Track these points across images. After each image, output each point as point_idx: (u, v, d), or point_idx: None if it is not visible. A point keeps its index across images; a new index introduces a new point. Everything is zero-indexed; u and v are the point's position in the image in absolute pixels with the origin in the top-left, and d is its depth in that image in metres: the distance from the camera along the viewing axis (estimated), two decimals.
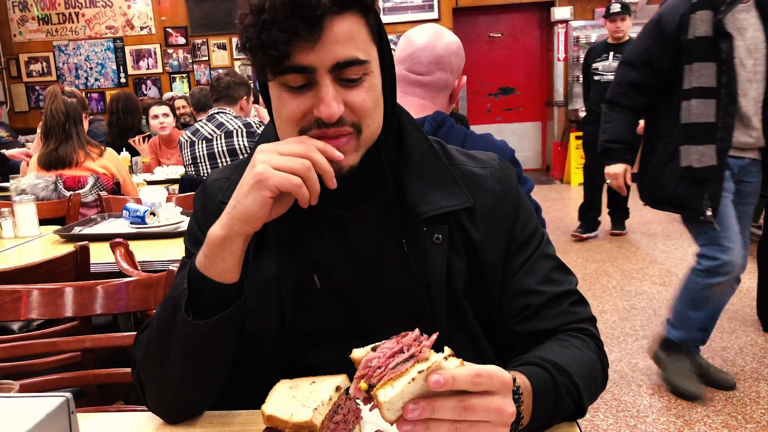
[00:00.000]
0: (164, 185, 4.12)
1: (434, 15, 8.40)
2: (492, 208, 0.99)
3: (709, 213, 2.53)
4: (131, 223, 2.59)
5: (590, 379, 0.91)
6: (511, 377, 0.71)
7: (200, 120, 3.65)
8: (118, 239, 1.94)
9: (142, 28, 8.75)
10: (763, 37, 2.51)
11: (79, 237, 2.52)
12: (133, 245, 2.01)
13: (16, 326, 2.22)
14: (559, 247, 4.83)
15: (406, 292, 0.97)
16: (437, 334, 0.72)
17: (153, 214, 2.55)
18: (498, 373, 0.69)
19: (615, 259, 4.67)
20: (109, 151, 3.26)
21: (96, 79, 8.90)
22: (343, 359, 0.75)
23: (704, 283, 2.65)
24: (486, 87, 9.04)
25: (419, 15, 8.37)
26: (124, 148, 4.98)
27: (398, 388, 0.66)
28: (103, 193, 3.05)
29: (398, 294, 0.97)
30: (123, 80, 8.86)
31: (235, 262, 0.86)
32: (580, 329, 0.98)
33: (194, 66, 8.78)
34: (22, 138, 6.41)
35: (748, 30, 2.50)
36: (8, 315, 1.47)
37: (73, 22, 8.77)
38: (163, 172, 4.54)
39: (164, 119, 4.80)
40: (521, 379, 0.81)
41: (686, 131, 2.54)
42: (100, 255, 2.16)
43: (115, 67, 8.86)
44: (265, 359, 0.98)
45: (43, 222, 2.78)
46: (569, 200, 7.17)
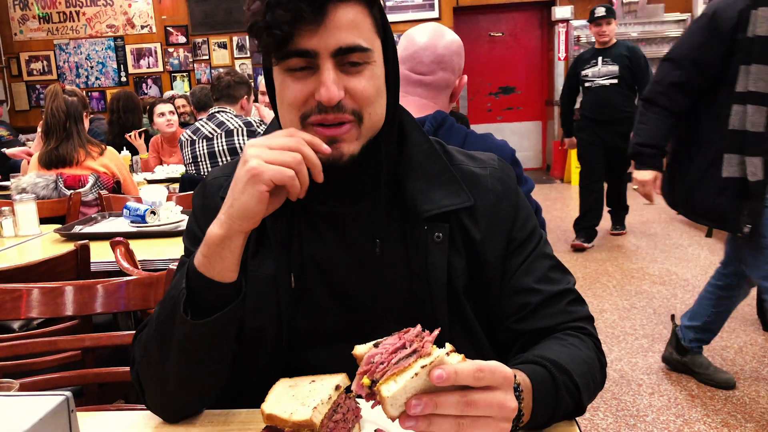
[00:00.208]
0: (164, 184, 4.12)
1: (435, 14, 8.40)
2: (492, 208, 1.00)
3: (746, 230, 2.35)
4: (131, 222, 2.59)
5: (589, 378, 0.92)
6: (512, 373, 0.71)
7: (201, 119, 3.65)
8: (118, 238, 1.94)
9: (142, 27, 8.76)
10: None
11: (79, 236, 2.52)
12: (134, 244, 2.01)
13: (16, 325, 2.22)
14: (559, 247, 4.84)
15: (406, 290, 0.97)
16: (439, 329, 0.73)
17: (153, 213, 2.55)
18: (499, 368, 0.69)
19: (615, 259, 4.67)
20: (110, 150, 3.26)
21: (96, 78, 8.91)
22: (343, 359, 0.75)
23: (728, 295, 2.64)
24: (486, 86, 9.04)
25: (420, 14, 8.36)
26: (125, 147, 4.99)
27: (401, 384, 0.66)
28: (104, 192, 3.05)
29: (398, 293, 0.97)
30: (123, 79, 8.87)
31: (234, 261, 0.87)
32: (578, 328, 0.99)
33: (195, 65, 8.78)
34: (22, 137, 6.41)
35: None
36: (9, 314, 1.47)
37: (73, 20, 8.77)
38: (163, 170, 4.55)
39: (170, 117, 4.81)
40: (521, 377, 0.81)
41: (734, 138, 2.33)
42: (101, 254, 2.16)
43: (115, 66, 8.86)
44: (265, 358, 0.98)
45: (43, 221, 2.78)
46: (570, 200, 7.16)
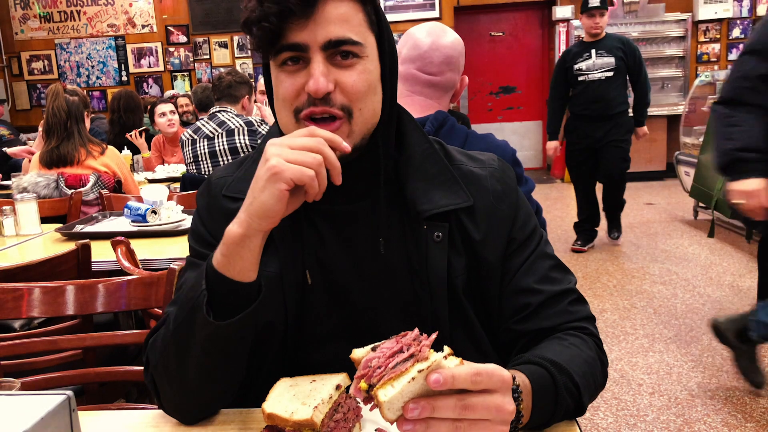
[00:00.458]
0: (165, 183, 4.13)
1: (435, 14, 8.39)
2: (492, 208, 1.00)
3: None
4: (132, 221, 2.59)
5: (590, 378, 0.92)
6: (510, 375, 0.71)
7: (202, 118, 3.65)
8: (119, 237, 1.94)
9: (143, 27, 8.75)
10: None
11: (80, 235, 2.53)
12: (135, 243, 2.01)
13: (17, 324, 2.23)
14: (560, 247, 4.84)
15: (406, 290, 0.97)
16: (437, 333, 0.73)
17: (154, 212, 2.55)
18: (497, 371, 0.69)
19: (615, 258, 4.67)
20: (111, 149, 3.27)
21: (97, 78, 8.91)
22: (344, 358, 0.75)
23: None
24: (487, 86, 9.03)
25: (420, 14, 8.36)
26: (125, 146, 4.99)
27: (398, 388, 0.66)
28: (105, 192, 3.05)
29: (399, 292, 0.98)
30: (124, 78, 8.86)
31: (253, 260, 0.86)
32: (579, 328, 0.98)
33: (195, 64, 8.78)
34: (23, 136, 6.41)
35: None
36: (10, 313, 1.47)
37: (74, 20, 8.77)
38: (164, 170, 4.55)
39: (172, 117, 4.82)
40: (521, 378, 0.81)
41: None
42: (102, 253, 2.16)
43: (116, 66, 8.86)
44: (270, 358, 0.98)
45: (44, 220, 2.78)
46: (570, 200, 7.15)
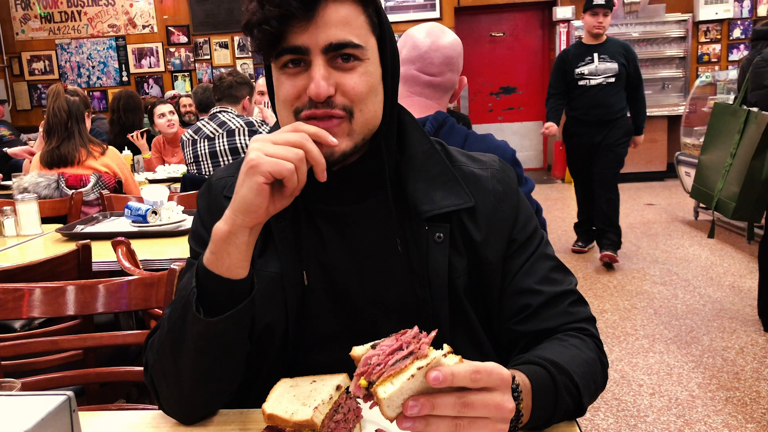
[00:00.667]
0: (166, 184, 4.13)
1: (436, 14, 8.39)
2: (493, 209, 1.00)
3: None
4: (133, 221, 2.59)
5: (590, 378, 0.92)
6: (509, 374, 0.71)
7: (202, 119, 3.65)
8: (119, 238, 1.94)
9: (144, 27, 8.75)
10: None
11: (80, 235, 2.53)
12: (135, 244, 2.01)
13: (18, 324, 2.23)
14: (560, 247, 4.84)
15: (407, 290, 0.97)
16: (436, 330, 0.73)
17: (155, 212, 2.56)
18: (497, 369, 0.69)
19: (617, 256, 4.65)
20: (111, 149, 3.27)
21: (98, 78, 8.91)
22: (345, 360, 0.75)
23: None
24: (488, 86, 9.03)
25: (421, 14, 8.35)
26: (126, 146, 4.99)
27: (398, 385, 0.66)
28: (105, 192, 3.05)
29: (400, 293, 0.98)
30: (125, 79, 8.86)
31: (241, 257, 0.86)
32: (579, 329, 0.99)
33: (196, 65, 8.78)
34: (24, 136, 6.42)
35: None
36: (10, 313, 1.48)
37: (75, 20, 8.77)
38: (164, 170, 4.55)
39: (171, 117, 4.81)
40: (520, 378, 0.81)
41: None
42: (102, 253, 2.16)
43: (117, 66, 8.86)
44: (271, 358, 0.98)
45: (45, 220, 2.78)
46: (570, 200, 7.15)
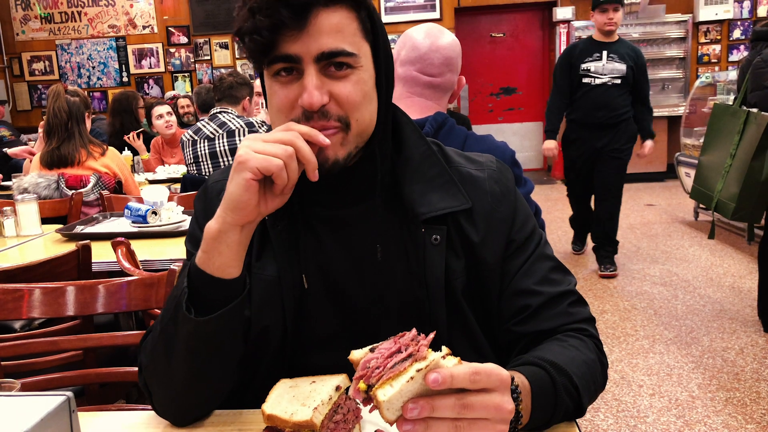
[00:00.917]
0: (166, 184, 4.13)
1: (436, 15, 8.39)
2: (490, 210, 1.00)
3: None
4: (133, 222, 2.59)
5: (589, 379, 0.92)
6: (508, 375, 0.71)
7: (202, 119, 3.65)
8: (119, 238, 1.94)
9: (144, 27, 8.75)
10: None
11: (80, 236, 2.53)
12: (135, 244, 2.01)
13: (17, 325, 2.23)
14: (560, 248, 4.83)
15: (405, 292, 0.97)
16: (434, 332, 0.73)
17: (155, 213, 2.56)
18: (495, 370, 0.69)
19: (616, 259, 4.65)
20: (111, 150, 3.27)
21: (98, 78, 8.91)
22: (343, 362, 0.75)
23: None
24: (488, 87, 9.03)
25: (421, 15, 8.35)
26: (126, 147, 4.98)
27: (397, 387, 0.66)
28: (105, 192, 3.05)
29: (397, 295, 0.98)
30: (125, 79, 8.87)
31: (232, 256, 0.86)
32: (579, 329, 0.98)
33: (196, 65, 8.78)
34: (24, 137, 6.42)
35: None
36: (10, 314, 1.48)
37: (75, 21, 8.77)
38: (164, 171, 4.55)
39: (169, 118, 4.81)
40: (519, 379, 0.81)
41: None
42: (102, 254, 2.17)
43: (117, 66, 8.86)
44: (268, 360, 0.98)
45: (45, 221, 2.78)
46: None
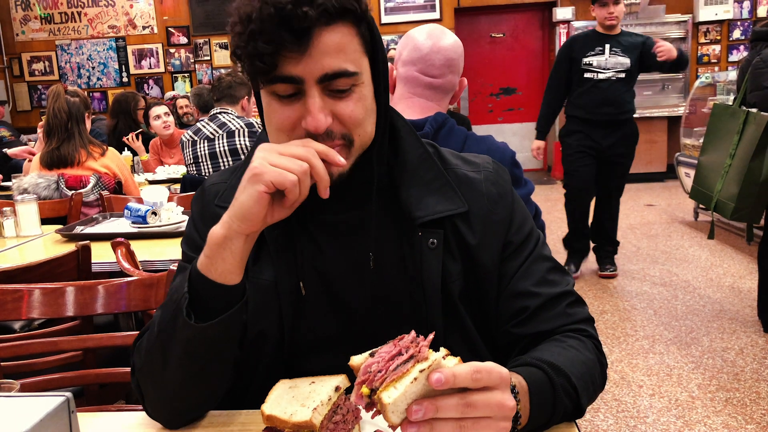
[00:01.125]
0: (166, 185, 4.12)
1: (436, 15, 8.39)
2: (487, 212, 1.00)
3: None
4: (133, 222, 2.59)
5: (588, 380, 0.92)
6: (507, 372, 0.72)
7: (202, 120, 3.65)
8: (119, 239, 1.94)
9: (144, 28, 8.76)
10: None
11: (80, 236, 2.53)
12: (135, 245, 2.01)
13: (17, 325, 2.23)
14: (560, 249, 4.83)
15: (402, 297, 0.97)
16: (434, 333, 0.73)
17: (154, 213, 2.56)
18: (495, 368, 0.70)
19: (616, 260, 4.65)
20: (111, 150, 3.27)
21: (98, 79, 8.91)
22: (342, 366, 0.76)
23: None
24: (488, 87, 9.03)
25: (421, 15, 8.36)
26: (126, 148, 4.98)
27: (401, 389, 0.66)
28: (105, 193, 3.05)
29: (395, 299, 0.98)
30: (125, 80, 8.87)
31: (235, 263, 0.85)
32: (578, 330, 0.98)
33: (196, 65, 8.79)
34: (24, 137, 6.42)
35: None
36: (10, 314, 1.48)
37: (75, 21, 8.77)
38: (164, 171, 4.55)
39: (166, 118, 4.80)
40: (516, 379, 0.81)
41: None
42: (102, 254, 2.16)
43: (117, 67, 8.86)
44: (265, 364, 0.98)
45: (44, 221, 2.78)
46: None
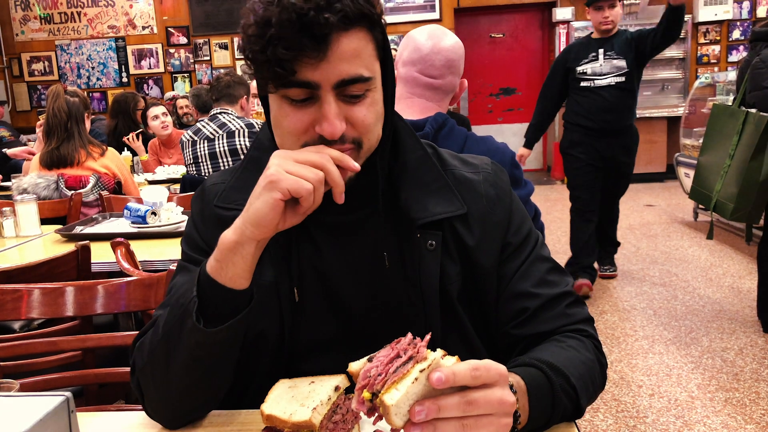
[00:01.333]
0: (165, 185, 4.13)
1: (436, 15, 8.39)
2: (485, 213, 1.00)
3: None
4: (132, 222, 2.59)
5: (587, 380, 0.92)
6: (505, 368, 0.72)
7: (202, 120, 3.65)
8: (119, 239, 1.94)
9: (144, 28, 8.75)
10: None
11: (80, 236, 2.53)
12: (134, 245, 2.01)
13: (17, 325, 2.23)
14: (560, 248, 4.83)
15: (401, 298, 0.97)
16: (431, 333, 0.74)
17: (154, 213, 2.56)
18: (493, 365, 0.70)
19: (615, 260, 4.65)
20: (111, 150, 3.27)
21: (98, 79, 8.91)
22: (341, 368, 0.76)
23: None
24: (487, 87, 9.03)
25: (421, 15, 8.36)
26: (126, 148, 4.98)
27: (403, 390, 0.66)
28: (105, 193, 3.05)
29: (393, 300, 0.98)
30: (125, 80, 8.87)
31: (246, 267, 0.85)
32: (577, 330, 0.99)
33: (196, 66, 8.78)
34: (23, 137, 6.41)
35: None
36: (9, 314, 1.48)
37: (75, 21, 8.77)
38: (164, 171, 4.55)
39: (164, 119, 4.79)
40: (515, 379, 0.81)
41: None
42: (101, 254, 2.16)
43: (116, 67, 8.86)
44: (265, 364, 0.98)
45: (44, 221, 2.78)
46: None
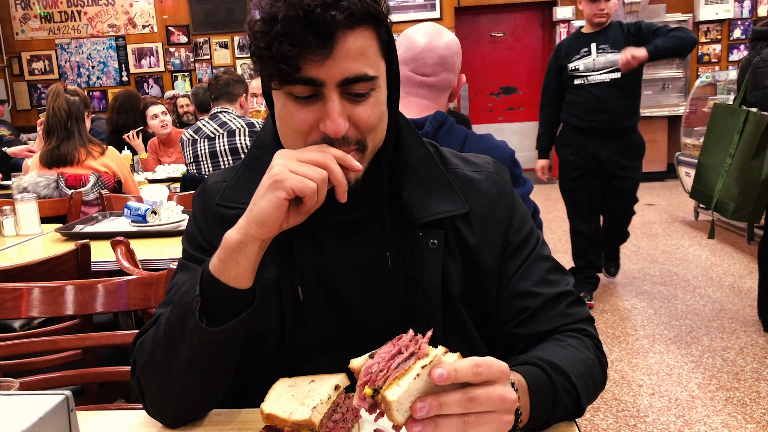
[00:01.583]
0: (166, 184, 4.13)
1: (436, 14, 8.39)
2: (487, 212, 1.00)
3: None
4: (132, 221, 2.59)
5: (588, 379, 0.92)
6: (506, 365, 0.72)
7: (202, 119, 3.65)
8: (119, 237, 1.94)
9: (144, 27, 8.75)
10: None
11: (80, 235, 2.53)
12: (134, 244, 2.01)
13: (17, 324, 2.23)
14: (560, 248, 4.83)
15: (402, 297, 0.97)
16: (432, 330, 0.73)
17: (154, 212, 2.56)
18: (495, 362, 0.70)
19: None
20: (111, 149, 3.27)
21: (98, 78, 8.90)
22: (342, 367, 0.76)
23: None
24: (488, 86, 9.03)
25: (421, 14, 8.35)
26: (125, 147, 4.98)
27: (405, 386, 0.66)
28: (105, 192, 3.05)
29: (395, 299, 0.98)
30: (125, 79, 8.86)
31: (249, 267, 0.86)
32: (578, 329, 0.98)
33: (196, 65, 8.78)
34: (24, 136, 6.41)
35: None
36: (9, 313, 1.48)
37: (75, 20, 8.77)
38: (164, 170, 4.55)
39: (164, 117, 4.79)
40: (516, 377, 0.81)
41: None
42: (101, 253, 2.16)
43: (117, 66, 8.85)
44: (266, 363, 0.98)
45: (44, 220, 2.78)
46: None
